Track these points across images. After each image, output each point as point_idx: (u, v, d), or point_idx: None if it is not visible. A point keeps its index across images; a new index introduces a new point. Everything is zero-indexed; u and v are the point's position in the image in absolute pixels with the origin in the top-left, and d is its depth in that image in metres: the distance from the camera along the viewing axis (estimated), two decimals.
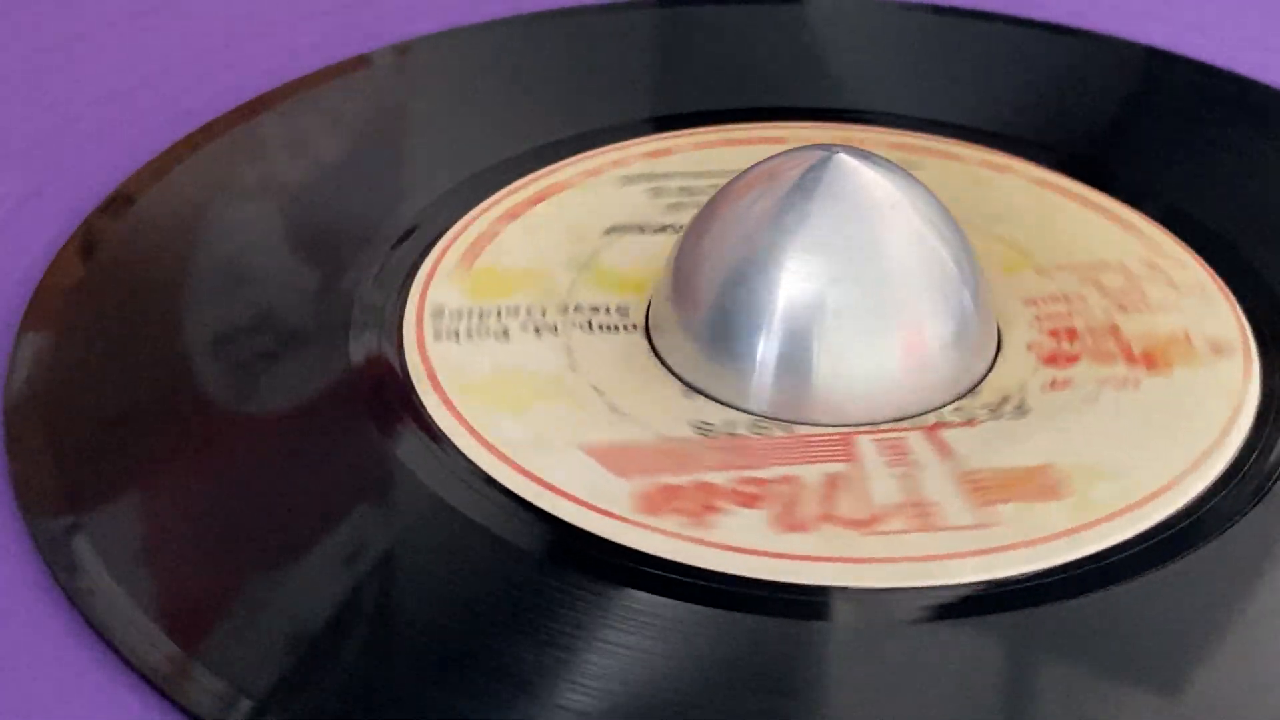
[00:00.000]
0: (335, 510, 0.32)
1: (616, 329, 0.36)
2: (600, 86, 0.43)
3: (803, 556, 0.32)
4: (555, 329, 0.36)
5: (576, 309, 0.37)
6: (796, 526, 0.32)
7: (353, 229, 0.38)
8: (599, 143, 0.41)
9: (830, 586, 0.31)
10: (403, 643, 0.30)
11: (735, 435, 0.34)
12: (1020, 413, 0.35)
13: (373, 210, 0.39)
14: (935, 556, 0.32)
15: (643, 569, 0.31)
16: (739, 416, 0.34)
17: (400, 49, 0.44)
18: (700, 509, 0.32)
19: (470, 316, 0.36)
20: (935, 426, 0.34)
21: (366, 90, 0.44)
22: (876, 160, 0.35)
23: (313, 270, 0.38)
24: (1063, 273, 0.38)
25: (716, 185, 0.36)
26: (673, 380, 0.35)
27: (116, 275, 0.37)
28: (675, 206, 0.39)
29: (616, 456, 0.33)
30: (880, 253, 0.34)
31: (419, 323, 0.36)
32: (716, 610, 0.30)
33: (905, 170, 0.36)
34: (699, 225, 0.36)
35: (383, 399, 0.34)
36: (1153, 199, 0.40)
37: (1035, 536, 0.32)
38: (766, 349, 0.34)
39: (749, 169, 0.36)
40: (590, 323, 0.36)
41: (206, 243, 0.39)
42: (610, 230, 0.39)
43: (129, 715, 0.29)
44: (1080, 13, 0.46)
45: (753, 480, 0.33)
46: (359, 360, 0.35)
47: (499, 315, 0.36)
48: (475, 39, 0.45)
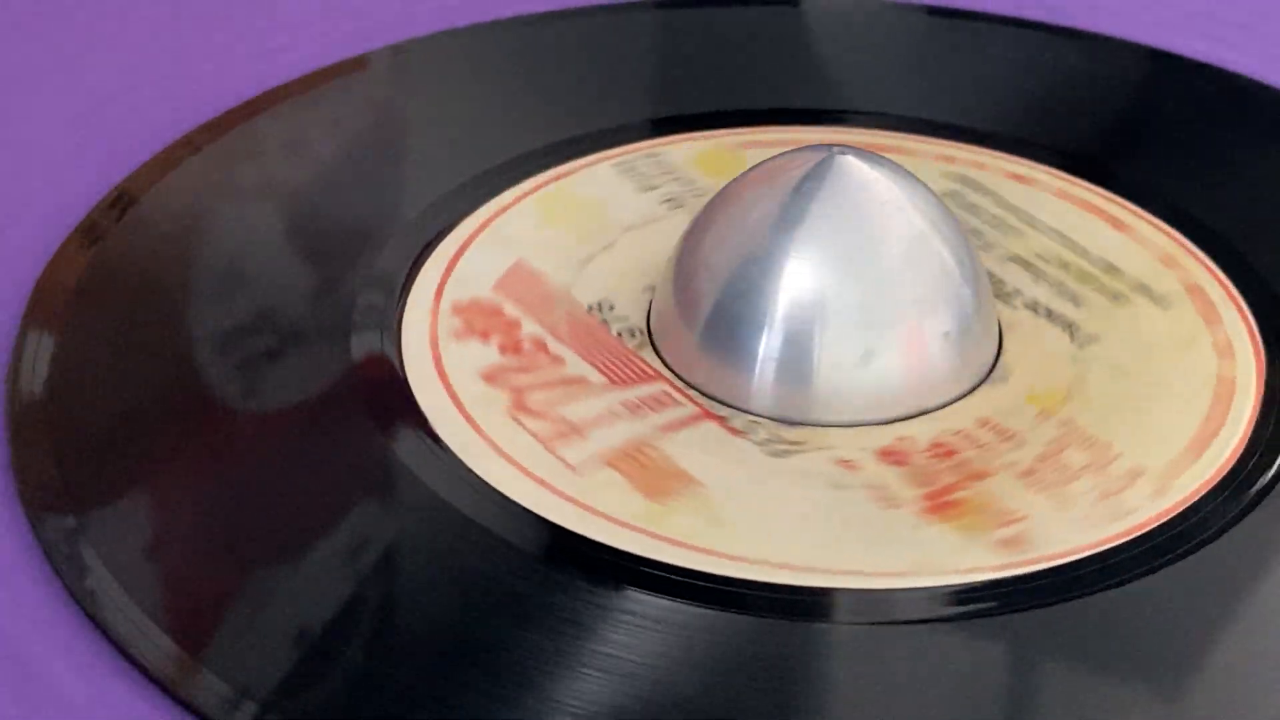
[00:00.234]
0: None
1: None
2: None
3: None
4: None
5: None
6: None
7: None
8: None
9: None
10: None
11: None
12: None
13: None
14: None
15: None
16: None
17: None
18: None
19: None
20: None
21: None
22: (878, 160, 0.35)
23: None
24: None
25: (717, 186, 0.37)
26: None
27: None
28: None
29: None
30: (882, 252, 0.35)
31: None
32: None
33: (907, 170, 0.36)
34: (700, 225, 0.36)
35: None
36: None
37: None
38: (767, 348, 0.34)
39: (750, 169, 0.36)
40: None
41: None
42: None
43: (133, 715, 0.29)
44: (1080, 13, 0.46)
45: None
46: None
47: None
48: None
